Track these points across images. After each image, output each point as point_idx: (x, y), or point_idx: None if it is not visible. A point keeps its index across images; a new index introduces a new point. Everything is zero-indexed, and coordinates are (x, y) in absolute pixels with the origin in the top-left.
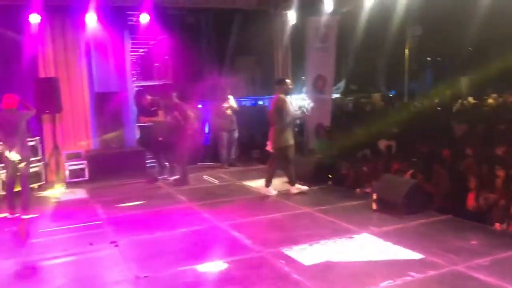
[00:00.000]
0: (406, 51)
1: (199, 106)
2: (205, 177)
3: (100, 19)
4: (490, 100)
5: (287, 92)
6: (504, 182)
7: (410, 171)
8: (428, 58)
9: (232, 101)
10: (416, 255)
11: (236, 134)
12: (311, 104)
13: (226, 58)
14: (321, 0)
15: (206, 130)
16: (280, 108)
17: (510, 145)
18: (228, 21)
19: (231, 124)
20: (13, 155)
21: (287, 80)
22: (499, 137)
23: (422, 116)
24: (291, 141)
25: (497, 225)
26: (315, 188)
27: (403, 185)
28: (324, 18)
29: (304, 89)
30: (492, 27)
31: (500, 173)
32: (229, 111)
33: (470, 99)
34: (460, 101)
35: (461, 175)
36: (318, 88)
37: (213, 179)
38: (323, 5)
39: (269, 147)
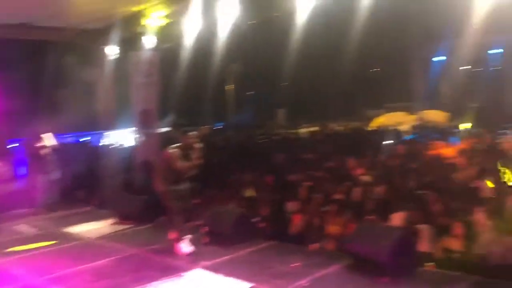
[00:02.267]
0: (230, 86)
1: (13, 145)
2: (19, 226)
3: None
4: (302, 130)
5: None
6: (318, 204)
7: (239, 201)
8: (249, 92)
9: (49, 139)
10: (246, 285)
11: (56, 175)
12: (139, 139)
13: (43, 93)
14: (141, 36)
15: (21, 172)
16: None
17: (324, 171)
18: (45, 53)
19: (49, 165)
20: None
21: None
22: (307, 164)
23: (245, 146)
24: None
25: (313, 246)
26: (144, 227)
27: (230, 216)
28: (146, 53)
29: (130, 124)
30: (302, 65)
31: (316, 195)
32: (46, 151)
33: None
34: (278, 131)
35: (283, 200)
36: (144, 123)
37: (31, 228)
38: (144, 40)
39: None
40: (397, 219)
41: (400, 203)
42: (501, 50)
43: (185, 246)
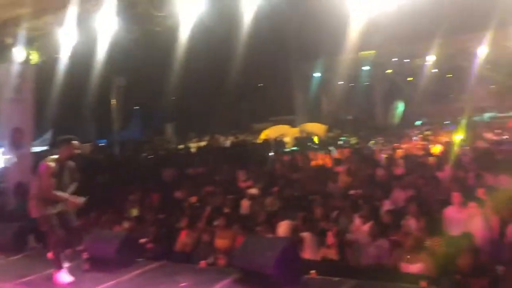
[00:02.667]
0: (113, 100)
1: None
2: None
3: None
4: (192, 144)
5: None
6: (206, 219)
7: (125, 222)
8: (136, 107)
9: None
10: None
11: None
12: (10, 160)
13: None
14: (11, 47)
15: None
16: None
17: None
18: None
19: None
20: None
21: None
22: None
23: (131, 163)
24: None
25: (202, 263)
26: (16, 257)
27: (113, 238)
28: (16, 66)
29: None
30: (190, 79)
31: (204, 210)
32: None
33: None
34: (166, 146)
35: (170, 218)
36: (16, 142)
37: None
38: (14, 53)
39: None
40: (283, 228)
41: (286, 212)
42: (368, 67)
43: (64, 276)
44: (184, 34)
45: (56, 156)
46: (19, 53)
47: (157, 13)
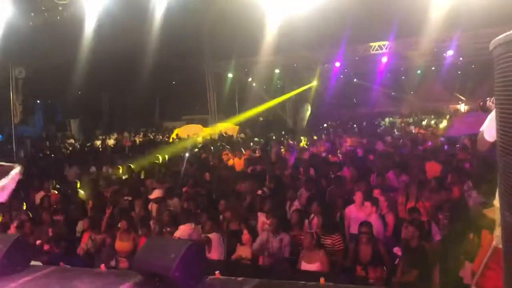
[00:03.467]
0: (11, 93)
1: None
2: None
3: None
4: (110, 141)
5: None
6: (107, 220)
7: (17, 223)
8: (38, 101)
9: None
10: None
11: None
12: None
13: None
14: None
15: None
16: None
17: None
18: None
19: None
20: None
21: None
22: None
23: (30, 160)
24: None
25: (102, 266)
26: None
27: (3, 243)
28: None
29: None
30: (98, 74)
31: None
32: None
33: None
34: (71, 142)
35: (71, 219)
36: None
37: None
38: None
39: None
40: (186, 229)
41: (192, 213)
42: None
43: None
44: (89, 25)
45: None
46: None
47: (58, 0)
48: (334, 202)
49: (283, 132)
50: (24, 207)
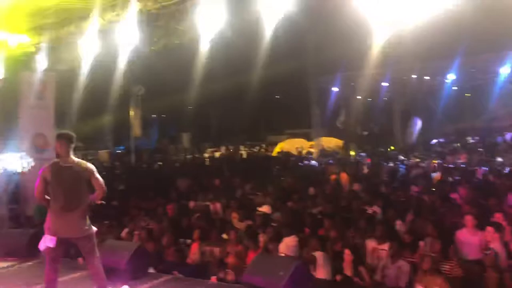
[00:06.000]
0: (131, 109)
1: None
2: None
3: None
4: (217, 154)
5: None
6: (218, 233)
7: (137, 232)
8: (153, 116)
9: None
10: None
11: None
12: (31, 164)
13: None
14: (34, 56)
15: None
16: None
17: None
18: None
19: None
20: None
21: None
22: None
23: (146, 171)
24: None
25: (213, 278)
26: (30, 263)
27: (126, 250)
28: (39, 74)
29: (20, 148)
30: (208, 90)
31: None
32: None
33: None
34: (181, 155)
35: (185, 229)
36: (39, 146)
37: None
38: (37, 61)
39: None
40: (290, 242)
41: (297, 229)
42: (386, 84)
43: None
44: (203, 46)
45: (56, 160)
46: (41, 61)
47: (178, 26)
48: (449, 225)
49: (392, 147)
50: (143, 217)
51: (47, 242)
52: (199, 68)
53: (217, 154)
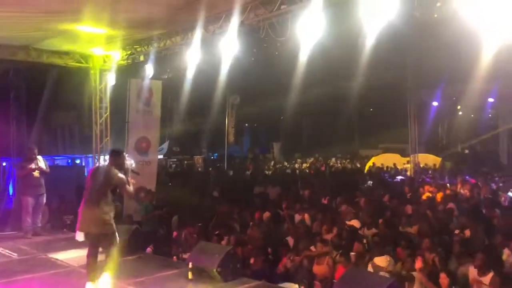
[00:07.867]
0: (226, 117)
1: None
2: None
3: None
4: (305, 164)
5: (120, 167)
6: (308, 243)
7: (227, 237)
8: (246, 124)
9: (41, 162)
10: None
11: (43, 199)
12: (133, 165)
13: (38, 114)
14: (143, 64)
15: (10, 192)
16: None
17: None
18: (43, 75)
19: (39, 188)
20: None
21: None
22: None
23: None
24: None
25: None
26: (131, 258)
27: (218, 252)
28: (147, 81)
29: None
30: (300, 101)
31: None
32: (36, 173)
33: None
34: (273, 164)
35: (279, 238)
36: (142, 150)
37: (11, 253)
38: (145, 68)
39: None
40: (382, 261)
41: (390, 247)
42: (492, 99)
43: None
44: (301, 57)
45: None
46: (149, 70)
47: (277, 37)
48: None
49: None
50: (235, 223)
51: (77, 236)
52: (294, 78)
53: (304, 166)
